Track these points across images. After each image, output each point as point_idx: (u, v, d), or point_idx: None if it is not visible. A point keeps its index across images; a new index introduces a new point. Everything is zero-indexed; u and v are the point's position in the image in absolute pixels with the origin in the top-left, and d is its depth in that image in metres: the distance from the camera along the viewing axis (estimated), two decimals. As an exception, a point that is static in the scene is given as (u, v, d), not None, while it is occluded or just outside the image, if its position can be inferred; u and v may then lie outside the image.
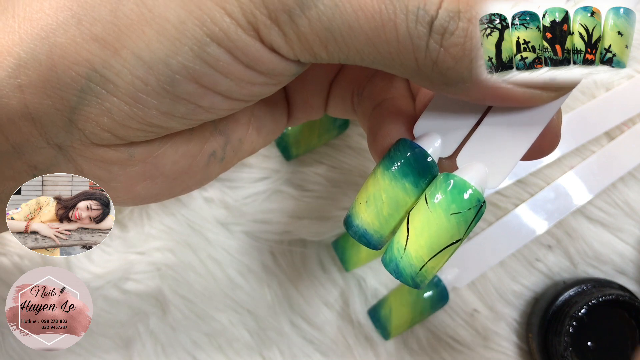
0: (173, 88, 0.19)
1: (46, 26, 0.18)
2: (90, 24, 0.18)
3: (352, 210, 0.22)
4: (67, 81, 0.19)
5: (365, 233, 0.21)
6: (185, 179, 0.24)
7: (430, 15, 0.18)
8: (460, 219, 0.20)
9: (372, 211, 0.21)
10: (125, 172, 0.22)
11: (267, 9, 0.18)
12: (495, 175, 0.21)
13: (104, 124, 0.20)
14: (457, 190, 0.20)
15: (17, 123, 0.19)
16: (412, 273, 0.21)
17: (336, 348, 0.37)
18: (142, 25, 0.18)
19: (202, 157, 0.24)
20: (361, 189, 0.22)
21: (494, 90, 0.19)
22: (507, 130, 0.21)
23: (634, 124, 0.38)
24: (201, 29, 0.18)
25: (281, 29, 0.18)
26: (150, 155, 0.22)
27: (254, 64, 0.19)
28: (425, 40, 0.18)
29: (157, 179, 0.23)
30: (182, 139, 0.22)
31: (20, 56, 0.19)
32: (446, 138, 0.22)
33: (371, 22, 0.18)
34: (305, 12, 0.18)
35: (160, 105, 0.20)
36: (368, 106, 0.25)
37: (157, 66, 0.18)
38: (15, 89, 0.19)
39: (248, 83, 0.20)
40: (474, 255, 0.37)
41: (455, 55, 0.18)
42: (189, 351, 0.37)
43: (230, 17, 0.18)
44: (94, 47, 0.18)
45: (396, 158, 0.21)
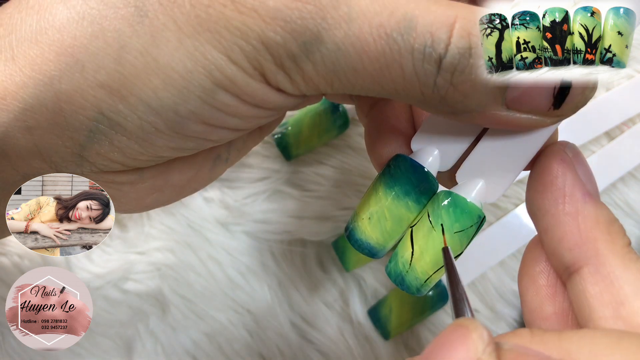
0: (182, 130, 0.19)
1: (49, 72, 0.18)
2: (94, 71, 0.18)
3: (354, 224, 0.22)
4: (76, 124, 0.19)
5: (369, 246, 0.22)
6: (192, 184, 0.24)
7: (438, 54, 0.17)
8: (462, 236, 0.21)
9: (376, 227, 0.22)
10: (135, 189, 0.22)
11: (272, 56, 0.18)
12: (494, 190, 0.22)
13: (114, 157, 0.20)
14: (459, 210, 0.21)
15: (26, 159, 0.20)
16: (418, 285, 0.21)
17: (336, 348, 0.37)
18: (148, 75, 0.18)
19: (208, 162, 0.24)
20: (362, 202, 0.22)
21: (499, 118, 0.19)
22: (506, 147, 0.21)
23: (634, 124, 0.38)
24: (208, 78, 0.18)
25: (287, 73, 0.18)
26: (159, 173, 0.22)
27: (261, 104, 0.19)
28: (433, 78, 0.18)
29: (165, 190, 0.23)
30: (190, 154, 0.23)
31: (26, 101, 0.18)
32: (445, 152, 0.22)
33: (375, 63, 0.18)
34: (309, 56, 0.18)
35: (170, 144, 0.20)
36: (366, 101, 0.25)
37: (166, 112, 0.18)
38: (24, 130, 0.19)
39: (255, 118, 0.20)
40: (474, 255, 0.37)
41: (465, 91, 0.18)
42: (189, 351, 0.37)
43: (236, 64, 0.18)
44: (101, 93, 0.18)
45: (397, 176, 0.21)
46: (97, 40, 0.18)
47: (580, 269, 0.19)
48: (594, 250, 0.19)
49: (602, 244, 0.19)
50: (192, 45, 0.18)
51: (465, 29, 0.17)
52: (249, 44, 0.17)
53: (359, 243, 0.22)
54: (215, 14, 0.17)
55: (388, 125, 0.23)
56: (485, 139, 0.21)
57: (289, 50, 0.17)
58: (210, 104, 0.18)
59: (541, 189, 0.20)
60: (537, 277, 0.21)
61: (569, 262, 0.19)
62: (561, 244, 0.19)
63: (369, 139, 0.24)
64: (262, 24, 0.17)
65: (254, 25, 0.17)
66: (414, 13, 0.17)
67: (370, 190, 0.22)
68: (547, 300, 0.20)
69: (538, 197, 0.20)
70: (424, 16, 0.17)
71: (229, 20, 0.17)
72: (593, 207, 0.19)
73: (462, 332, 0.15)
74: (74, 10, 0.18)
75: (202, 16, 0.17)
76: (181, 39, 0.18)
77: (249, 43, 0.17)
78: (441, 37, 0.17)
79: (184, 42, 0.18)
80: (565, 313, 0.20)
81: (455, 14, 0.17)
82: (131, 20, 0.18)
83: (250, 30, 0.17)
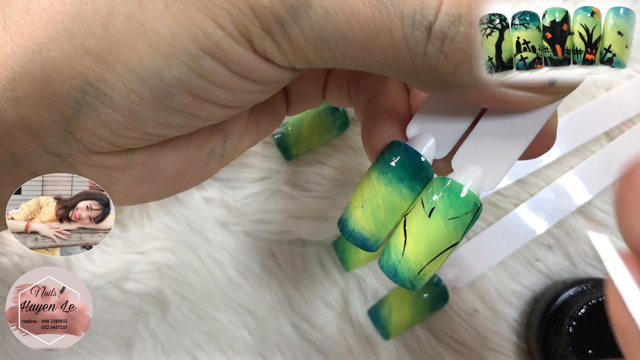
0: (168, 101, 0.19)
1: (38, 40, 0.18)
2: (82, 38, 0.18)
3: (347, 214, 0.22)
4: (62, 94, 0.19)
5: (362, 237, 0.21)
6: (185, 177, 0.24)
7: (428, 20, 0.17)
8: (457, 223, 0.20)
9: (369, 216, 0.21)
10: (125, 175, 0.22)
11: (259, 20, 0.18)
12: (491, 177, 0.21)
13: (101, 134, 0.20)
14: (454, 195, 0.20)
15: (14, 135, 0.19)
16: (411, 277, 0.21)
17: (336, 348, 0.37)
18: (134, 40, 0.18)
19: (202, 155, 0.24)
20: (355, 192, 0.22)
21: (493, 94, 0.19)
22: (502, 132, 0.21)
23: (634, 124, 0.38)
24: (194, 43, 0.18)
25: (274, 39, 0.18)
26: (149, 158, 0.22)
27: (249, 74, 0.19)
28: (423, 46, 0.18)
29: (157, 179, 0.23)
30: (181, 141, 0.22)
31: (15, 70, 0.18)
32: (440, 139, 0.21)
33: (365, 29, 0.17)
34: (297, 21, 0.17)
35: (157, 117, 0.19)
36: (363, 98, 0.25)
37: (152, 80, 0.18)
38: (11, 102, 0.19)
39: (244, 92, 0.20)
40: (474, 255, 0.37)
41: (456, 61, 0.18)
42: (189, 351, 0.37)
43: (222, 29, 0.18)
44: (88, 60, 0.18)
45: (391, 162, 0.21)
46: (85, 6, 0.18)
47: None
48: None
49: None
50: (178, 9, 0.17)
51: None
52: (236, 8, 0.17)
53: (352, 234, 0.21)
54: None
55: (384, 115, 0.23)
56: (481, 123, 0.21)
57: (277, 14, 0.17)
58: (196, 71, 0.18)
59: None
60: None
61: None
62: None
63: (365, 130, 0.23)
64: None
65: None
66: None
67: (363, 179, 0.22)
68: None
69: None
70: None
71: None
72: None
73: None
74: None
75: None
76: (168, 3, 0.17)
77: (236, 6, 0.17)
78: (431, 4, 0.17)
79: (171, 6, 0.17)
80: None
81: None
82: None
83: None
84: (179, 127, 0.20)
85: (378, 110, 0.23)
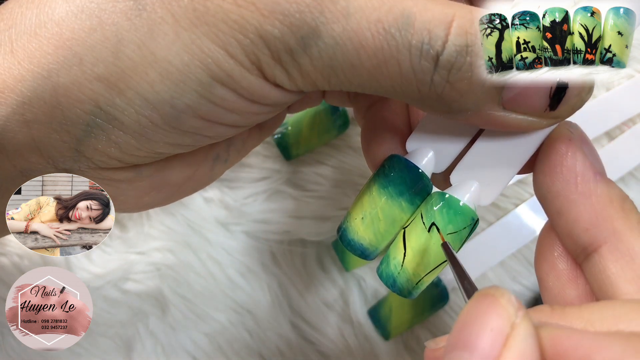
0: (179, 125, 0.19)
1: (47, 65, 0.18)
2: (92, 64, 0.18)
3: (347, 225, 0.22)
4: (73, 117, 0.19)
5: (361, 247, 0.22)
6: (191, 183, 0.24)
7: (435, 51, 0.17)
8: (455, 238, 0.21)
9: (369, 227, 0.22)
10: (133, 187, 0.22)
11: (269, 50, 0.18)
12: (488, 192, 0.22)
13: (111, 153, 0.20)
14: (452, 211, 0.21)
15: (24, 154, 0.20)
16: (409, 287, 0.21)
17: (336, 348, 0.37)
18: (145, 68, 0.18)
19: (207, 162, 0.24)
20: (355, 203, 0.22)
21: (495, 119, 0.19)
22: (501, 149, 0.21)
23: (634, 124, 0.38)
24: (205, 71, 0.18)
25: (284, 68, 0.18)
26: (157, 171, 0.22)
27: (259, 99, 0.19)
28: (429, 75, 0.18)
29: (163, 188, 0.23)
30: (188, 153, 0.23)
31: (24, 94, 0.18)
32: (439, 153, 0.22)
33: (373, 59, 0.17)
34: (306, 51, 0.18)
35: (167, 139, 0.20)
36: (363, 103, 0.25)
37: (163, 106, 0.18)
38: (22, 124, 0.19)
39: (252, 114, 0.20)
40: (474, 255, 0.37)
41: (461, 89, 0.18)
42: (189, 351, 0.37)
43: (233, 58, 0.18)
44: (98, 86, 0.18)
45: (391, 177, 0.21)
46: (95, 33, 0.18)
47: (599, 248, 0.19)
48: (611, 228, 0.19)
49: (618, 221, 0.19)
50: (189, 38, 0.18)
51: (462, 27, 0.17)
52: (247, 38, 0.17)
53: (352, 244, 0.22)
54: (213, 7, 0.17)
55: (384, 125, 0.23)
56: (480, 140, 0.21)
57: (287, 44, 0.17)
58: (207, 98, 0.18)
59: (551, 171, 0.19)
60: (556, 261, 0.20)
61: (586, 243, 0.19)
62: (576, 225, 0.19)
63: (365, 139, 0.24)
64: (260, 17, 0.17)
65: (252, 18, 0.17)
66: (412, 10, 0.17)
67: (363, 191, 0.22)
68: (568, 284, 0.20)
69: (548, 179, 0.20)
70: (422, 13, 0.17)
71: (226, 13, 0.17)
72: (605, 185, 0.19)
73: (490, 301, 0.15)
74: (73, 4, 0.18)
75: (199, 9, 0.17)
76: (178, 32, 0.18)
77: (247, 37, 0.17)
78: (439, 35, 0.17)
79: (181, 35, 0.18)
80: (588, 295, 0.20)
81: (453, 12, 0.17)
82: (129, 13, 0.18)
83: (248, 24, 0.17)
84: (188, 145, 0.21)
85: (378, 120, 0.23)
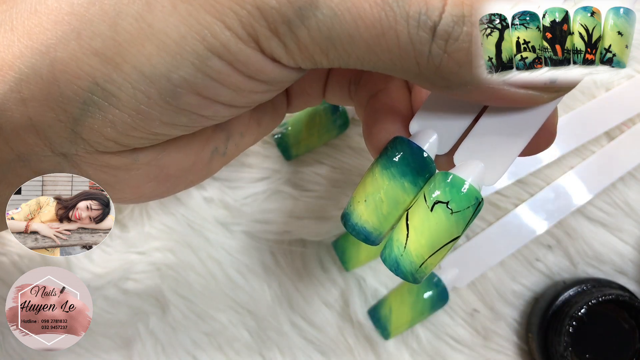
0: (175, 101, 0.19)
1: (46, 41, 0.18)
2: (90, 39, 0.18)
3: (350, 208, 0.22)
4: (70, 94, 0.19)
5: (365, 230, 0.22)
6: (189, 175, 0.24)
7: (432, 21, 0.17)
8: (459, 218, 0.20)
9: (371, 210, 0.21)
10: (130, 175, 0.22)
11: (266, 21, 0.18)
12: (492, 172, 0.21)
13: (107, 133, 0.20)
14: (455, 190, 0.20)
15: (21, 135, 0.20)
16: (413, 270, 0.21)
17: (336, 348, 0.37)
18: (142, 40, 0.18)
19: (205, 154, 0.24)
20: (358, 186, 0.22)
21: (495, 92, 0.19)
22: (504, 128, 0.21)
23: (634, 124, 0.38)
24: (202, 43, 0.18)
25: (281, 40, 0.18)
26: (153, 158, 0.22)
27: (256, 74, 0.19)
28: (427, 46, 0.18)
29: (161, 178, 0.23)
30: (185, 140, 0.23)
31: (22, 70, 0.18)
32: (443, 135, 0.22)
33: (371, 30, 0.18)
34: (304, 22, 0.18)
35: (163, 117, 0.20)
36: (364, 96, 0.25)
37: (159, 80, 0.18)
38: (19, 102, 0.19)
39: (249, 92, 0.20)
40: (474, 255, 0.37)
41: (459, 60, 0.18)
42: (189, 351, 0.37)
43: (230, 30, 0.18)
44: (95, 61, 0.18)
45: (394, 157, 0.21)
46: (93, 7, 0.18)
47: None
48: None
49: None
50: (185, 10, 0.18)
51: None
52: (244, 9, 0.17)
53: (355, 228, 0.22)
54: None
55: (386, 111, 0.23)
56: (483, 119, 0.21)
57: (284, 15, 0.17)
58: (203, 71, 0.18)
59: None
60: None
61: None
62: None
63: (367, 127, 0.24)
64: None
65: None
66: None
67: (366, 174, 0.22)
68: None
69: None
70: None
71: None
72: None
73: None
74: None
75: None
76: (175, 4, 0.18)
77: (244, 8, 0.17)
78: (435, 5, 0.17)
79: (178, 7, 0.18)
80: None
81: None
82: None
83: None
84: (184, 126, 0.21)
85: (379, 107, 0.23)
